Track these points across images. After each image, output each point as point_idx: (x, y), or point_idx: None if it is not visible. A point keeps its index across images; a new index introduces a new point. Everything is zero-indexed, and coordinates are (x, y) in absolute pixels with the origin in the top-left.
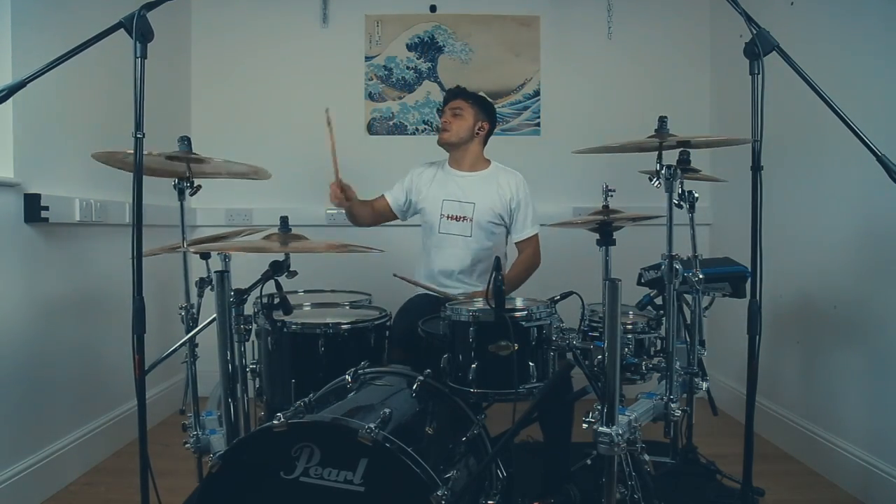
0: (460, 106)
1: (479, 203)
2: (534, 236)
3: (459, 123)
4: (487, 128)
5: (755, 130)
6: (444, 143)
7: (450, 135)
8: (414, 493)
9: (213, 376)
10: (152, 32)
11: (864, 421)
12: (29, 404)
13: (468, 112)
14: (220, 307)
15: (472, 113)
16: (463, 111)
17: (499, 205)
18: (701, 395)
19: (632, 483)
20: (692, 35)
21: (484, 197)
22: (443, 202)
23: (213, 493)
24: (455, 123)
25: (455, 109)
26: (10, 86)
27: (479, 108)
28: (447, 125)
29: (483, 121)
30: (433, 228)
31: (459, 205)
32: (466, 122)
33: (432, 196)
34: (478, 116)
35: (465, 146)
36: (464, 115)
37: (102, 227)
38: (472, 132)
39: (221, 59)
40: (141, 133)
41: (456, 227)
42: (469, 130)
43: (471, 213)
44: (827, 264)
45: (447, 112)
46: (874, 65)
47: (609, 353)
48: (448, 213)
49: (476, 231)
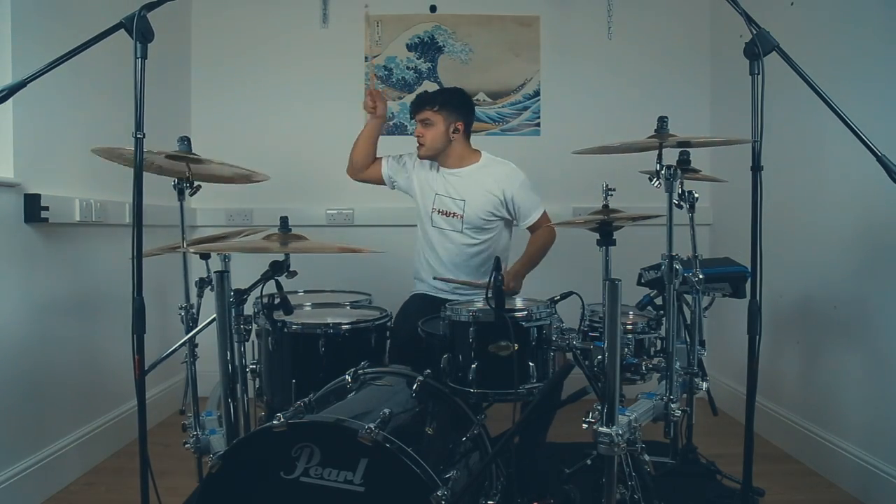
0: (427, 117)
1: (469, 200)
2: (542, 216)
3: (432, 133)
4: (463, 125)
5: (755, 130)
6: (424, 158)
7: (426, 149)
8: (414, 493)
9: (213, 376)
10: (152, 32)
11: (864, 421)
12: (29, 404)
13: (437, 119)
14: (220, 307)
15: (442, 118)
16: (432, 120)
17: (491, 201)
18: (701, 395)
19: (632, 483)
20: (692, 35)
21: (475, 194)
22: (435, 196)
23: (213, 493)
24: (428, 135)
25: (424, 121)
26: (10, 86)
27: (448, 110)
28: (421, 139)
29: (456, 120)
30: (425, 222)
31: (451, 201)
32: (438, 129)
33: (426, 186)
34: (448, 119)
35: (445, 150)
36: (434, 123)
37: (102, 227)
38: (447, 136)
39: (221, 59)
40: (141, 133)
41: (446, 223)
42: (443, 136)
43: (461, 210)
44: (827, 264)
45: (418, 125)
46: (874, 65)
47: (609, 353)
48: (439, 209)
49: (467, 227)
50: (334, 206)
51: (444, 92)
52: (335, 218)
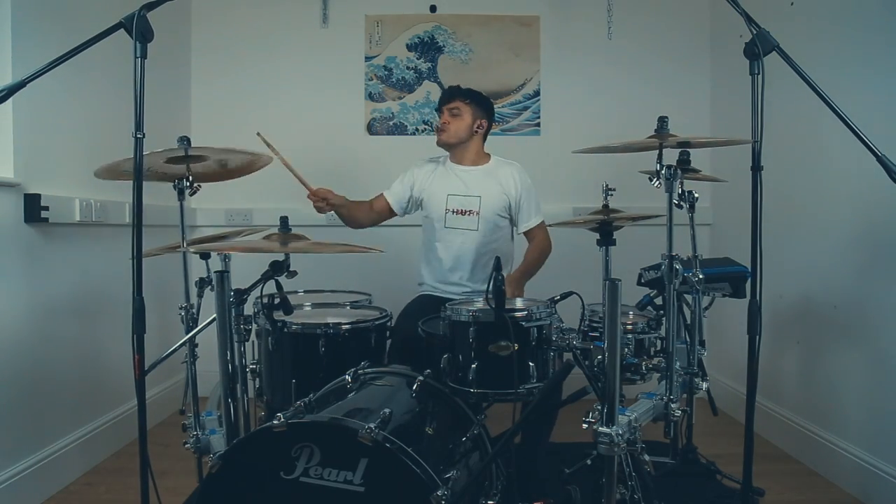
0: (457, 106)
1: (484, 196)
2: (541, 223)
3: (458, 123)
4: (486, 125)
5: (755, 130)
6: (444, 144)
7: (448, 135)
8: (414, 493)
9: (213, 376)
10: (152, 32)
11: (864, 421)
12: (29, 404)
13: (466, 111)
14: (220, 307)
15: (470, 112)
16: (461, 111)
17: (503, 198)
18: (701, 395)
19: (632, 483)
20: (692, 35)
21: (489, 190)
22: (448, 197)
23: (213, 493)
24: (453, 124)
25: (452, 110)
26: (10, 86)
27: (476, 105)
28: (445, 126)
29: (482, 118)
30: (438, 223)
31: (465, 199)
32: (465, 121)
33: (436, 190)
34: (476, 114)
35: (464, 144)
36: (462, 114)
37: (102, 227)
38: (471, 130)
39: (221, 59)
40: (141, 133)
41: (462, 222)
42: (468, 129)
43: (477, 207)
44: (827, 264)
45: (445, 112)
46: (874, 65)
47: (609, 353)
48: (454, 208)
49: (483, 225)
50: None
51: (475, 91)
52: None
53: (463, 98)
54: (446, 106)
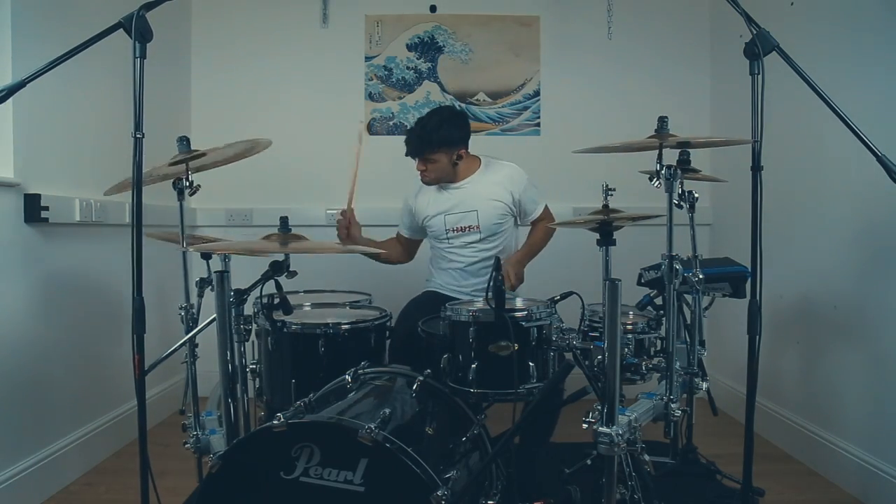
0: (427, 158)
1: (481, 209)
2: (544, 210)
3: (435, 167)
4: (465, 147)
5: (755, 130)
6: (429, 184)
7: (430, 179)
8: (414, 493)
9: (213, 376)
10: (152, 32)
11: (864, 421)
12: (29, 404)
13: (439, 156)
14: (220, 307)
15: (444, 153)
16: (433, 159)
17: (500, 203)
18: (701, 395)
19: (632, 483)
20: (692, 35)
21: (485, 201)
22: (445, 217)
23: (213, 493)
24: (431, 170)
25: (426, 160)
26: (10, 86)
27: (447, 146)
28: (425, 174)
29: (458, 149)
30: (443, 242)
31: (463, 215)
32: (441, 164)
33: (433, 213)
34: (450, 151)
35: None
36: (437, 159)
37: (102, 227)
38: (451, 165)
39: (221, 58)
40: (141, 133)
41: (464, 238)
42: (447, 167)
43: (476, 221)
44: (827, 264)
45: (418, 161)
46: (874, 65)
47: (609, 353)
48: (453, 226)
49: (485, 233)
50: (334, 206)
51: (440, 127)
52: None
53: (430, 150)
54: (417, 160)
